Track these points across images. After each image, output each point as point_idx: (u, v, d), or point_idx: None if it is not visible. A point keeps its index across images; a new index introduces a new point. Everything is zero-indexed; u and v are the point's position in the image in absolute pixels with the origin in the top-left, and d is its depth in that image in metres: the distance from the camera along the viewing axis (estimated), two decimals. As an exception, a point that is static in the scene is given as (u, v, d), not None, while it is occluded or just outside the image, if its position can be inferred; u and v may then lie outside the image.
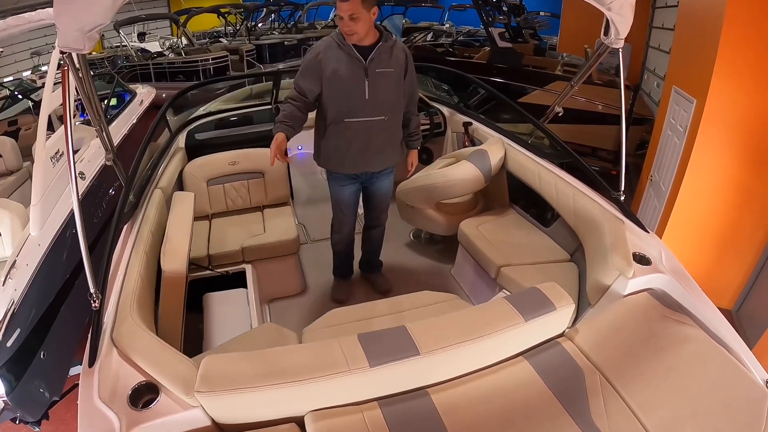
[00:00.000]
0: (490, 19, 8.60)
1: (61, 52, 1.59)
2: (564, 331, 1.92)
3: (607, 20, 2.30)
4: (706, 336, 1.85)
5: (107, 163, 2.42)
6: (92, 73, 3.64)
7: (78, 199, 1.77)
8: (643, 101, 6.92)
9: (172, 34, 15.79)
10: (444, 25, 17.62)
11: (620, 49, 2.43)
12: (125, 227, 2.38)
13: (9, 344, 2.32)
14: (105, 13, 1.44)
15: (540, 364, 1.74)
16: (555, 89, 6.50)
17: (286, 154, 2.68)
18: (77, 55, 1.67)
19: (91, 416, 1.44)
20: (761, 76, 3.33)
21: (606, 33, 2.38)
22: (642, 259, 2.19)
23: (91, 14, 1.43)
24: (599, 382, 1.69)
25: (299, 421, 1.53)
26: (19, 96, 6.84)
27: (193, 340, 2.52)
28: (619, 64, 2.56)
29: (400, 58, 2.74)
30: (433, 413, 1.55)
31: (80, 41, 1.52)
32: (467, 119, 4.11)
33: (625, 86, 6.71)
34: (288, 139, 2.68)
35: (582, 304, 2.44)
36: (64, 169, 3.20)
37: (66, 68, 1.68)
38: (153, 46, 14.61)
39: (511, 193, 3.62)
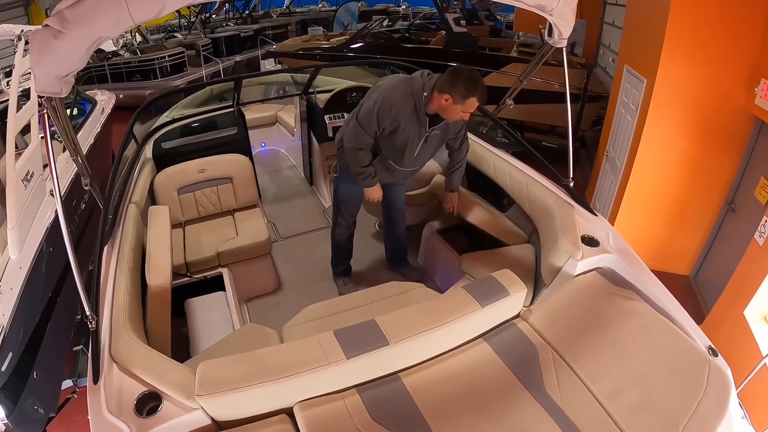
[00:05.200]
0: (445, 4, 8.72)
1: (39, 97, 1.69)
2: (519, 313, 2.13)
3: (550, 23, 2.43)
4: (650, 309, 2.06)
5: (85, 187, 2.50)
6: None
7: (71, 238, 1.90)
8: (598, 79, 7.16)
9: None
10: (400, 7, 17.63)
11: (563, 48, 2.58)
12: (106, 246, 2.48)
13: (3, 368, 2.39)
14: (80, 59, 1.54)
15: (498, 344, 1.95)
16: (511, 71, 6.69)
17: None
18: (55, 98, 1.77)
19: (103, 429, 1.58)
20: (707, 56, 3.58)
21: (550, 34, 2.52)
22: (591, 241, 2.38)
23: (66, 61, 1.53)
24: (552, 357, 1.90)
25: (289, 412, 1.72)
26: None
27: (179, 345, 2.66)
28: (569, 51, 2.67)
29: (450, 125, 2.91)
30: (405, 394, 1.75)
31: (57, 86, 1.62)
32: None
33: (579, 65, 6.89)
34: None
35: (539, 283, 2.66)
36: (35, 190, 3.24)
37: (45, 111, 1.78)
38: (107, 45, 14.24)
39: (469, 182, 3.80)
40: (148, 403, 1.66)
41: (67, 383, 3.15)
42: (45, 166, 3.43)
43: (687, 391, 1.72)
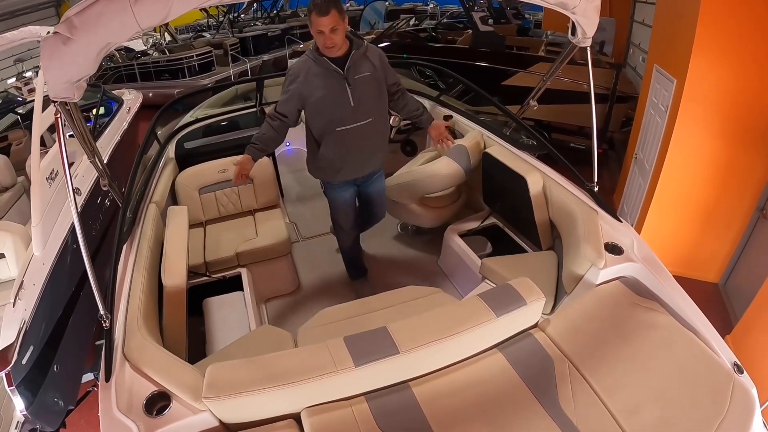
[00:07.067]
0: (472, 3, 8.63)
1: (53, 102, 1.71)
2: (537, 323, 2.06)
3: (574, 22, 2.36)
4: (674, 322, 1.97)
5: (104, 188, 2.54)
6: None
7: (85, 239, 1.92)
8: (627, 79, 6.96)
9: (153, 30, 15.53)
10: (428, 5, 17.51)
11: (588, 48, 2.51)
12: (125, 245, 2.51)
13: (24, 361, 2.45)
14: (90, 64, 1.55)
15: (512, 356, 1.89)
16: (538, 70, 6.57)
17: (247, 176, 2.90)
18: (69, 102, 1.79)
19: (112, 426, 1.60)
20: (738, 55, 3.44)
21: (573, 33, 2.45)
22: (614, 249, 2.30)
23: (77, 67, 1.55)
24: (568, 370, 1.83)
25: (296, 417, 1.71)
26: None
27: (196, 344, 2.69)
28: (594, 50, 2.61)
29: (374, 62, 2.81)
30: (414, 404, 1.72)
31: (70, 91, 1.64)
32: (448, 112, 4.21)
33: (608, 64, 6.72)
34: (254, 161, 2.91)
35: (560, 292, 2.58)
36: (60, 187, 3.31)
37: (59, 116, 1.81)
38: (136, 44, 14.55)
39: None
40: (158, 403, 1.68)
41: (88, 376, 3.22)
42: (70, 165, 3.51)
43: (708, 410, 1.65)
